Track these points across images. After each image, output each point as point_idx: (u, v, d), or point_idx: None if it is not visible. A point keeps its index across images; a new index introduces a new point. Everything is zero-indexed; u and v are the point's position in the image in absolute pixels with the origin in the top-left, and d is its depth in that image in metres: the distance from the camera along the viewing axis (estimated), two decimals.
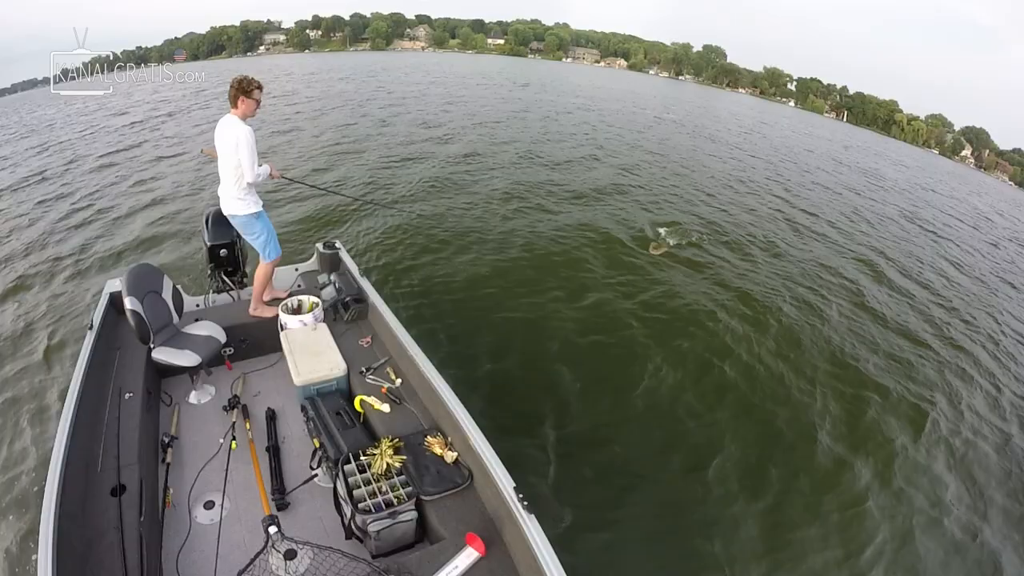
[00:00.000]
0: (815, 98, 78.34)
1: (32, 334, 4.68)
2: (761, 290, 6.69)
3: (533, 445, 3.65)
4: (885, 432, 4.48)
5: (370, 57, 61.32)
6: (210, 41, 78.02)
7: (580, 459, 3.63)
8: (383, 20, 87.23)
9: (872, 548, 3.36)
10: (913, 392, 5.15)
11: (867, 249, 9.54)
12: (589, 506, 3.26)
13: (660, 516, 3.31)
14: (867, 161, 25.02)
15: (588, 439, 3.83)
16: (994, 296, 8.92)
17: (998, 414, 5.27)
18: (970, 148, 69.35)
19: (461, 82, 30.82)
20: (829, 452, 4.12)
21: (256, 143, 3.02)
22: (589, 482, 3.47)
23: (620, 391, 4.42)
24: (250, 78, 3.01)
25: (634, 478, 3.56)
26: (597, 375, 4.53)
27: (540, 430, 3.81)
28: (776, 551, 3.23)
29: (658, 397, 4.44)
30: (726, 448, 3.93)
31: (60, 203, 8.41)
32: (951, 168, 44.54)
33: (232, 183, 3.12)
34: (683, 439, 4.00)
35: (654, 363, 4.82)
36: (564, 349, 4.85)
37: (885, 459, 4.17)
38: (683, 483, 3.60)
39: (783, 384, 4.87)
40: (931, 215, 14.98)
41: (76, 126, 15.93)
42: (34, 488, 3.05)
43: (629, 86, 46.39)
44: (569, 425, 3.92)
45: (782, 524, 3.42)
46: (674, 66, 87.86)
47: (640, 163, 13.34)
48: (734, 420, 4.26)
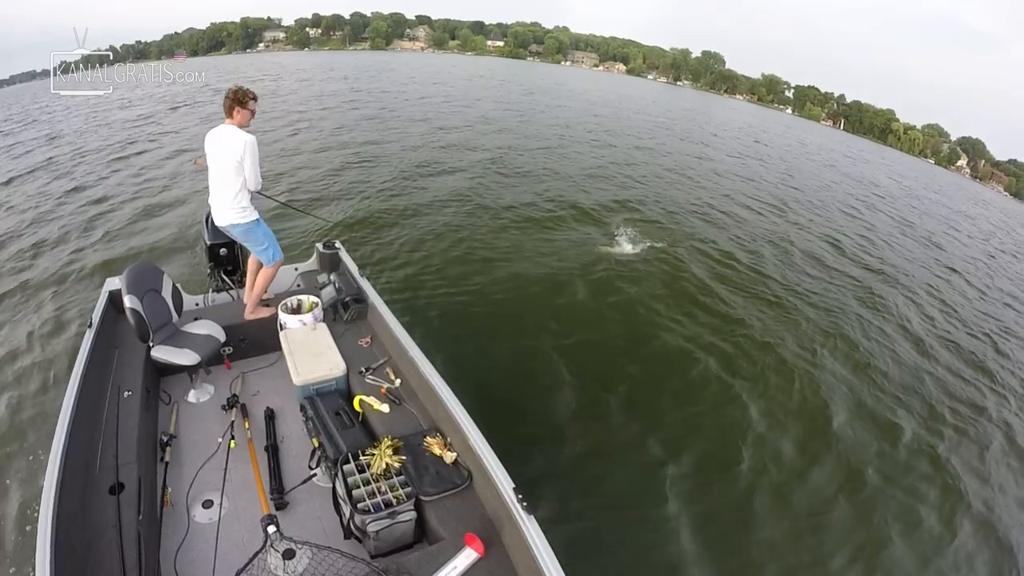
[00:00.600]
0: (812, 106, 78.84)
1: (32, 333, 4.66)
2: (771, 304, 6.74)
3: (533, 445, 3.65)
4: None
5: (370, 57, 61.11)
6: (210, 37, 77.97)
7: (581, 458, 3.63)
8: (383, 20, 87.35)
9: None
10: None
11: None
12: (589, 506, 3.26)
13: (660, 515, 3.32)
14: (862, 170, 25.25)
15: (588, 438, 3.83)
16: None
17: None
18: (966, 158, 69.92)
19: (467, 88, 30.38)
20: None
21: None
22: (589, 482, 3.47)
23: (627, 391, 4.43)
24: (245, 88, 3.02)
25: (637, 477, 3.57)
26: (601, 374, 4.54)
27: (540, 429, 3.82)
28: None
29: (663, 395, 4.48)
30: (728, 447, 3.95)
31: (60, 201, 8.38)
32: (948, 178, 44.78)
33: (232, 193, 3.09)
34: (685, 438, 4.01)
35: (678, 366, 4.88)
36: (569, 350, 4.86)
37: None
38: (684, 482, 3.60)
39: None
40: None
41: (74, 121, 15.92)
42: (33, 486, 3.05)
43: (627, 91, 46.22)
44: (569, 425, 3.93)
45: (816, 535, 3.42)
46: (672, 71, 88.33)
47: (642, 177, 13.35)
48: (739, 419, 4.29)
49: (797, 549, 3.29)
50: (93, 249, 6.50)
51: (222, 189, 3.11)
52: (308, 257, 4.14)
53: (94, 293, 4.02)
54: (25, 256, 6.29)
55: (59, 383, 3.90)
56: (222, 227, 3.25)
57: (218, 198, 3.15)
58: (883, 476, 4.05)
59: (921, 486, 4.07)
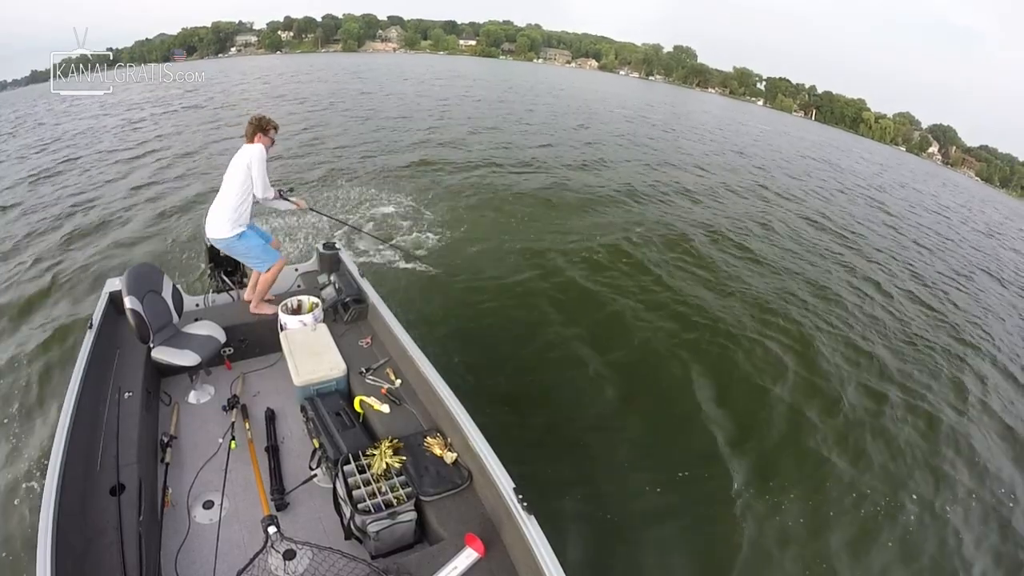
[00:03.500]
0: (784, 97, 79.18)
1: (32, 333, 4.67)
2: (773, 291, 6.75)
3: (534, 445, 3.65)
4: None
5: (343, 59, 59.51)
6: (181, 42, 76.67)
7: (582, 458, 3.64)
8: (355, 21, 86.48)
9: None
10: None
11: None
12: (590, 505, 3.26)
13: (660, 515, 3.32)
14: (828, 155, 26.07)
15: (589, 437, 3.84)
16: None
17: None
18: (937, 145, 70.89)
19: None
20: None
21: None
22: (590, 481, 3.47)
23: (626, 388, 4.43)
24: (268, 117, 3.22)
25: (637, 477, 3.57)
26: (602, 374, 4.55)
27: (541, 429, 3.82)
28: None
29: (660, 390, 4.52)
30: (732, 448, 3.95)
31: (60, 200, 8.39)
32: (916, 164, 45.96)
33: (234, 203, 3.20)
34: (686, 438, 4.01)
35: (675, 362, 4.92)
36: (569, 349, 4.87)
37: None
38: (685, 482, 3.60)
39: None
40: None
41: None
42: (33, 487, 3.05)
43: (599, 88, 46.09)
44: (569, 425, 3.93)
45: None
46: (644, 67, 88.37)
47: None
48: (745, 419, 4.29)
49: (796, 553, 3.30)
50: (93, 250, 6.50)
51: (221, 200, 3.23)
52: (308, 257, 4.14)
53: (94, 294, 4.03)
54: (25, 256, 6.29)
55: (59, 384, 3.90)
56: (211, 239, 3.33)
57: (215, 208, 3.25)
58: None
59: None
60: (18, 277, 5.78)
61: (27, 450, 3.37)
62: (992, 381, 6.01)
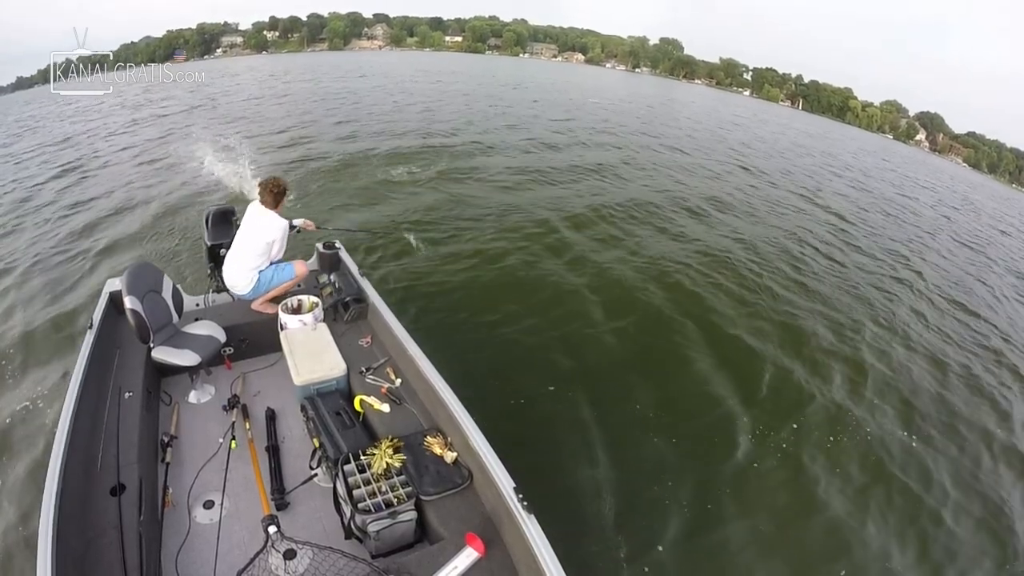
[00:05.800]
0: (770, 87, 79.13)
1: (32, 333, 4.67)
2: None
3: (534, 444, 3.65)
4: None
5: (331, 58, 58.80)
6: (167, 45, 75.89)
7: (582, 457, 3.63)
8: (340, 20, 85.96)
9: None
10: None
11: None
12: (590, 505, 3.26)
13: (661, 515, 3.31)
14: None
15: (589, 437, 3.82)
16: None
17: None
18: (924, 132, 71.39)
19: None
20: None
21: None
22: (590, 480, 3.46)
23: (630, 381, 4.44)
24: (284, 186, 3.34)
25: (638, 477, 3.56)
26: (603, 374, 4.53)
27: (541, 429, 3.81)
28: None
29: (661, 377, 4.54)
30: (735, 450, 3.94)
31: (59, 201, 8.41)
32: (905, 152, 46.35)
33: (252, 264, 3.34)
34: (687, 438, 3.99)
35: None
36: (569, 349, 4.84)
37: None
38: (686, 483, 3.59)
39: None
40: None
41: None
42: (33, 487, 3.05)
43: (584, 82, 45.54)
44: (569, 424, 3.92)
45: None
46: (631, 59, 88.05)
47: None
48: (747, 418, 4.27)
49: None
50: (94, 250, 6.50)
51: (242, 260, 3.35)
52: (308, 257, 4.14)
53: (94, 294, 4.03)
54: (26, 256, 6.30)
55: (59, 384, 3.90)
56: (231, 287, 3.45)
57: (235, 266, 3.38)
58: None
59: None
60: (18, 277, 5.78)
61: (28, 450, 3.37)
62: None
